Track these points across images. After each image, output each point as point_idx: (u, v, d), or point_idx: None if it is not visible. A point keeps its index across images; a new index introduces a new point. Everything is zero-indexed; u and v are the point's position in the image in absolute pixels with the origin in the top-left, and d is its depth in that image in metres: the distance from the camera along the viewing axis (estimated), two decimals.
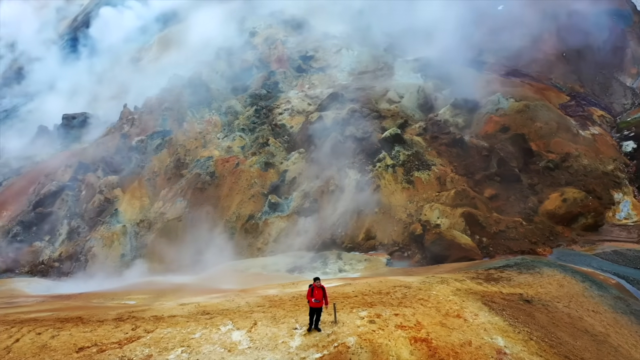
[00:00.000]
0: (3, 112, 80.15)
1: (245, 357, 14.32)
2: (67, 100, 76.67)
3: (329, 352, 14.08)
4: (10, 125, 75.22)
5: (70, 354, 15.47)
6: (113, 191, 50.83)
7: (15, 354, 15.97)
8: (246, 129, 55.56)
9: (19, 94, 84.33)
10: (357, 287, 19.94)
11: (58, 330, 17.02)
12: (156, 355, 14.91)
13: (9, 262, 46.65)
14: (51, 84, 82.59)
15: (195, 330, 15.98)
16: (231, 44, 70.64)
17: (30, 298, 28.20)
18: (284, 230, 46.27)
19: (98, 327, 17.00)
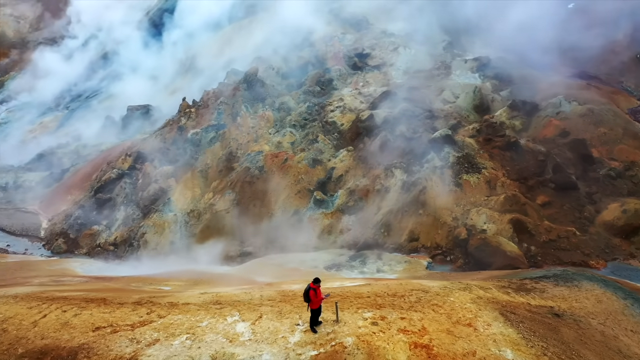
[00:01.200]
0: (84, 99, 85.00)
1: (244, 348, 14.53)
2: (145, 89, 79.79)
3: (325, 350, 14.02)
4: (88, 112, 79.82)
5: (86, 332, 16.32)
6: (167, 181, 52.88)
7: (40, 328, 17.03)
8: (297, 125, 56.08)
9: (101, 79, 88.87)
10: (375, 288, 19.68)
11: (81, 309, 17.98)
12: (163, 340, 15.43)
13: (70, 243, 49.68)
14: (132, 70, 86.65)
15: (203, 318, 16.40)
16: (289, 40, 71.42)
17: (77, 278, 29.91)
18: (328, 227, 46.38)
19: (117, 309, 17.81)
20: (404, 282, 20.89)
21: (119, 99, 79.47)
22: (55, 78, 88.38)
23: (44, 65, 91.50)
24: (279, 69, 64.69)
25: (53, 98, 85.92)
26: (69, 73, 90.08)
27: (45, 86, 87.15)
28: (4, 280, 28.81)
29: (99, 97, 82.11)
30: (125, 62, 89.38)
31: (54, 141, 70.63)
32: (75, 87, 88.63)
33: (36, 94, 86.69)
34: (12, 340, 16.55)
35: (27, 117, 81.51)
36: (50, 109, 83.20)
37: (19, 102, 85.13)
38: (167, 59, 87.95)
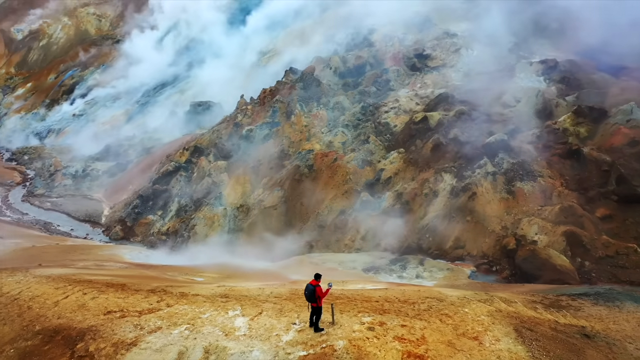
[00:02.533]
0: (154, 94, 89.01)
1: (237, 343, 14.57)
2: (212, 86, 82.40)
3: (315, 352, 13.77)
4: (156, 107, 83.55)
5: (98, 315, 16.99)
6: (220, 175, 54.27)
7: (59, 308, 17.93)
8: (350, 125, 55.81)
9: (174, 76, 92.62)
10: (389, 292, 19.14)
11: (100, 293, 18.76)
12: (164, 328, 15.78)
13: (126, 231, 52.18)
14: (201, 66, 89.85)
15: (206, 310, 16.62)
16: (350, 40, 71.27)
17: (119, 264, 31.31)
18: (373, 229, 45.80)
19: (131, 295, 18.43)
20: (423, 289, 20.17)
21: (186, 94, 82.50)
22: (129, 73, 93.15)
23: (122, 60, 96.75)
24: (336, 68, 64.64)
25: (127, 92, 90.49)
26: (142, 68, 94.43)
27: (120, 81, 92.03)
28: (53, 262, 30.66)
29: (169, 92, 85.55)
30: (198, 58, 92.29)
31: (122, 133, 74.48)
32: (149, 82, 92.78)
33: (111, 89, 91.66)
34: (33, 317, 17.55)
35: (101, 111, 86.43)
36: (122, 102, 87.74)
37: (95, 95, 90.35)
38: (236, 58, 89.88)
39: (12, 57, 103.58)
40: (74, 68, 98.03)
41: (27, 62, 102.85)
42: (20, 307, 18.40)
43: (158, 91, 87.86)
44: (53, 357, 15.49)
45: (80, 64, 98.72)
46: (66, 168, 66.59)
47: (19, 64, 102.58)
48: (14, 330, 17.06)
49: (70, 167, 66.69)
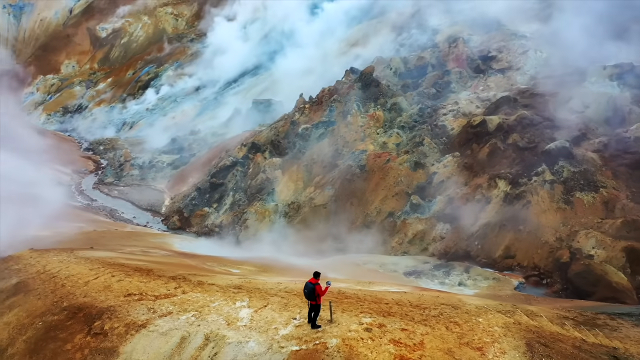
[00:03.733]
0: (221, 90, 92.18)
1: (236, 332, 14.91)
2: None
3: (307, 347, 13.83)
4: (222, 103, 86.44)
5: (119, 296, 17.94)
6: (274, 172, 55.29)
7: (88, 287, 19.09)
8: (406, 126, 55.04)
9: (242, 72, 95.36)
10: (405, 296, 18.79)
11: (126, 276, 19.78)
12: (174, 314, 16.42)
13: (183, 221, 54.40)
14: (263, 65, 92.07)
15: (216, 299, 17.10)
16: (413, 41, 70.27)
17: (164, 251, 32.77)
18: (421, 232, 45.00)
19: (153, 280, 19.29)
20: (442, 296, 19.63)
21: (251, 92, 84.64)
22: (212, 64, 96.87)
23: (201, 54, 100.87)
24: (397, 69, 63.94)
25: (203, 85, 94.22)
26: (223, 59, 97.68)
27: (198, 74, 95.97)
28: (104, 245, 32.61)
29: (248, 82, 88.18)
30: (277, 48, 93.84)
31: (189, 128, 77.68)
32: (230, 73, 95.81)
33: (184, 84, 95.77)
34: (64, 294, 18.81)
35: (172, 105, 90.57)
36: (192, 98, 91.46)
37: (167, 91, 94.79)
38: (314, 49, 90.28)
39: (96, 53, 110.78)
40: (150, 65, 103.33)
41: (109, 58, 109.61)
42: (56, 284, 19.78)
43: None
44: (73, 332, 16.56)
45: (156, 60, 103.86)
46: (134, 159, 70.44)
47: (102, 60, 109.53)
48: (45, 305, 18.38)
49: (138, 158, 70.49)
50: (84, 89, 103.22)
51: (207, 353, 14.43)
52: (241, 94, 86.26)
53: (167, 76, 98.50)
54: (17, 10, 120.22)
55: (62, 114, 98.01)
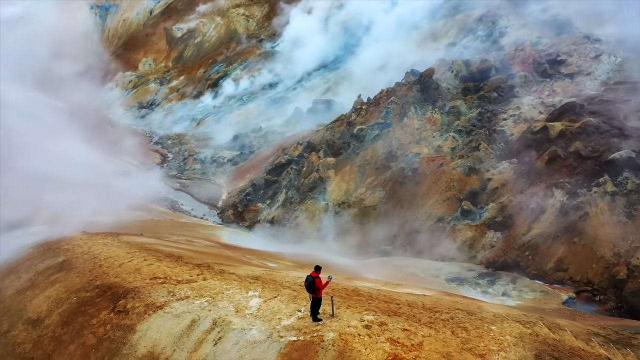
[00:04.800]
0: (285, 90, 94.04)
1: (241, 320, 15.47)
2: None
3: (304, 339, 14.14)
4: (286, 102, 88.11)
5: (145, 279, 19.04)
6: (327, 172, 55.79)
7: (121, 269, 20.39)
8: (463, 130, 53.81)
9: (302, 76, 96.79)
10: (421, 298, 18.61)
11: (157, 261, 20.93)
12: (191, 298, 17.25)
13: (237, 215, 56.15)
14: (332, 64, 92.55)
15: (231, 288, 17.76)
16: (478, 43, 68.52)
17: (208, 242, 34.11)
18: (470, 239, 43.92)
19: (180, 266, 20.29)
20: (462, 301, 19.24)
21: (319, 89, 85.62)
22: (269, 69, 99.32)
23: (264, 57, 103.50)
24: (458, 71, 62.49)
25: (262, 87, 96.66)
26: (279, 65, 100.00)
27: (258, 78, 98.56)
28: (153, 233, 34.43)
29: (307, 86, 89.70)
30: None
31: (251, 126, 79.94)
32: (286, 78, 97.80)
33: (250, 83, 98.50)
34: (99, 274, 20.20)
35: (238, 104, 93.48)
36: (257, 97, 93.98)
37: (235, 89, 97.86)
38: (367, 58, 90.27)
39: (171, 52, 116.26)
40: (220, 64, 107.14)
41: (183, 57, 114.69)
42: (94, 264, 21.27)
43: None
44: (99, 308, 17.79)
45: (226, 60, 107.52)
46: (197, 154, 73.40)
47: (176, 58, 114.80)
48: (81, 282, 19.83)
49: (201, 153, 73.40)
50: (158, 85, 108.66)
51: (213, 337, 15.08)
52: (310, 92, 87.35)
53: (235, 75, 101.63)
54: (103, 11, 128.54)
55: (137, 109, 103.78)
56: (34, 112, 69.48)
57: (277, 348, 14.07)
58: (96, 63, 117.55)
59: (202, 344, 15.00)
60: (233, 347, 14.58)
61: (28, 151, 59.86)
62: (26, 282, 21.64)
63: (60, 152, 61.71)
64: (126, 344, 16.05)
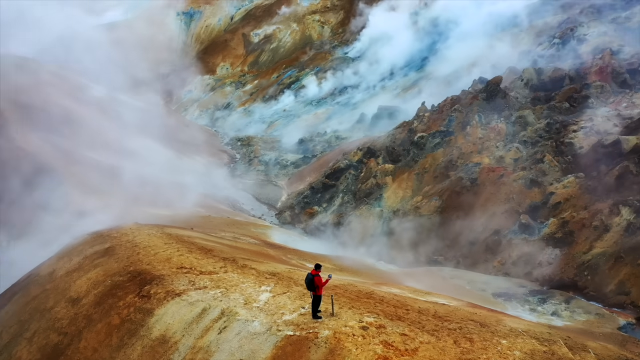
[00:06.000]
0: (352, 97, 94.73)
1: (247, 312, 16.02)
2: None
3: (300, 334, 14.42)
4: (352, 108, 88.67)
5: (172, 268, 20.14)
6: (385, 178, 55.55)
7: (154, 257, 21.68)
8: (528, 141, 51.62)
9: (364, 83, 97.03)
10: (435, 307, 18.28)
11: (188, 253, 22.03)
12: (208, 288, 18.05)
13: (293, 217, 57.21)
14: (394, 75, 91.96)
15: (247, 281, 18.39)
16: (553, 51, 65.52)
17: (254, 240, 35.13)
18: (526, 255, 42.06)
19: (207, 258, 21.23)
20: (480, 312, 18.66)
21: (375, 102, 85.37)
22: (339, 75, 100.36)
23: (336, 62, 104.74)
24: (528, 80, 60.05)
25: (331, 92, 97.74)
26: (349, 71, 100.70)
27: (328, 83, 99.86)
28: (204, 227, 36.03)
29: (367, 95, 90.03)
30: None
31: (316, 130, 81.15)
32: (356, 83, 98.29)
33: (320, 89, 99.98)
34: (134, 260, 21.58)
35: (307, 108, 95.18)
36: (325, 102, 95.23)
37: (305, 94, 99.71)
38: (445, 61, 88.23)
39: (247, 57, 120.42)
40: (292, 69, 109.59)
41: (258, 62, 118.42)
42: (133, 252, 22.72)
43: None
44: (127, 292, 19.05)
45: (299, 65, 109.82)
46: (262, 156, 75.55)
47: (252, 63, 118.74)
48: (118, 267, 21.28)
49: (265, 156, 75.48)
50: (234, 89, 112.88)
51: (219, 325, 15.75)
52: (376, 97, 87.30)
53: (306, 80, 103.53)
54: (187, 17, 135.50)
55: (212, 111, 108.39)
56: (115, 111, 74.70)
57: (274, 341, 14.47)
58: (178, 67, 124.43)
59: (208, 332, 15.70)
60: (235, 336, 15.15)
61: (106, 146, 64.44)
62: (75, 265, 23.50)
63: (134, 148, 65.93)
64: (144, 326, 17.11)
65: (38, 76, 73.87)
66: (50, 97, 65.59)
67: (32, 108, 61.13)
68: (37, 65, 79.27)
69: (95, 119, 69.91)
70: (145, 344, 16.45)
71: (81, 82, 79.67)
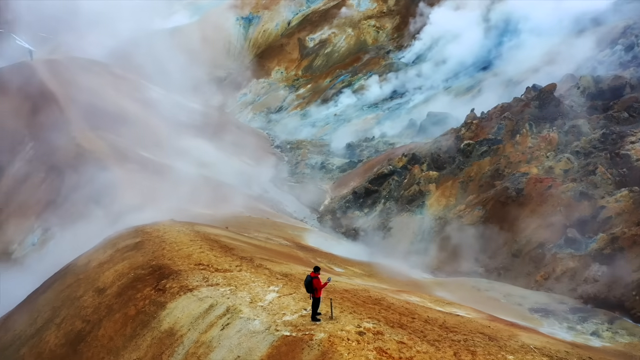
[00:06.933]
0: (404, 102, 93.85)
1: (251, 310, 16.29)
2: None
3: (295, 335, 14.51)
4: (402, 113, 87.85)
5: (190, 264, 20.75)
6: (428, 185, 54.65)
7: (177, 253, 22.40)
8: (581, 152, 49.31)
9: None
10: (445, 317, 17.87)
11: (209, 250, 22.63)
12: (219, 285, 18.48)
13: (334, 221, 57.28)
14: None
15: (257, 280, 18.66)
16: (615, 58, 62.40)
17: (286, 242, 35.49)
18: (571, 270, 40.18)
19: (225, 257, 21.72)
20: (493, 325, 18.06)
21: (426, 108, 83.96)
22: (388, 81, 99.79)
23: (389, 68, 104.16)
24: (585, 88, 57.37)
25: (382, 98, 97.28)
26: (403, 76, 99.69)
27: (379, 88, 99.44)
28: (239, 227, 36.79)
29: (413, 102, 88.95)
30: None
31: (365, 135, 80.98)
32: (404, 90, 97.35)
33: (371, 94, 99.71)
34: (158, 255, 22.35)
35: (357, 113, 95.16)
36: (376, 107, 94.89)
37: (356, 99, 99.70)
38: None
39: (302, 61, 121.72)
40: (345, 74, 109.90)
41: (312, 66, 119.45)
42: (159, 247, 23.57)
43: (407, 100, 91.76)
44: (146, 285, 19.80)
45: (352, 70, 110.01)
46: (309, 159, 76.13)
47: (306, 67, 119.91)
48: (142, 261, 22.14)
49: (312, 159, 76.02)
50: (287, 93, 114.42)
51: (222, 322, 16.10)
52: (420, 106, 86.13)
53: (359, 85, 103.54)
54: (246, 22, 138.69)
55: (265, 114, 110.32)
56: (170, 112, 77.53)
57: (271, 340, 14.64)
58: (235, 70, 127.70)
59: (212, 327, 16.07)
60: (236, 334, 15.43)
61: (158, 145, 66.97)
62: (107, 257, 24.64)
63: (186, 148, 68.17)
64: (155, 318, 17.74)
65: (101, 77, 77.95)
66: (109, 97, 69.06)
67: (93, 107, 64.58)
68: (101, 67, 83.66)
69: (151, 119, 72.95)
70: (154, 336, 17.05)
71: (140, 84, 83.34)
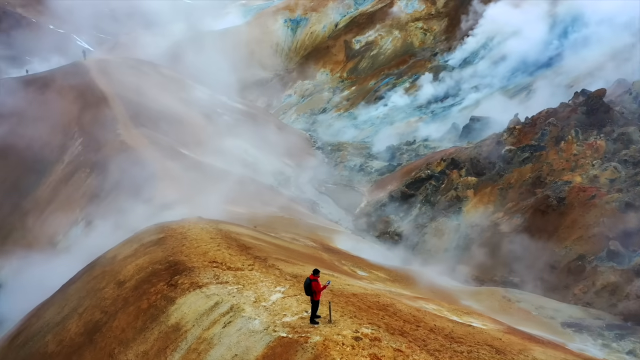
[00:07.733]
0: (449, 106, 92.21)
1: (253, 309, 16.39)
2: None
3: (292, 336, 14.47)
4: (448, 117, 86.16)
5: (204, 261, 21.11)
6: (466, 191, 53.39)
7: (195, 250, 22.83)
8: (629, 161, 46.93)
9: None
10: (454, 326, 17.36)
11: (225, 248, 22.93)
12: (228, 283, 18.70)
13: (369, 224, 56.88)
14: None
15: (265, 280, 18.75)
16: None
17: (312, 243, 35.49)
18: (612, 285, 38.32)
19: (240, 255, 21.94)
20: (505, 338, 17.41)
21: (477, 110, 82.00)
22: (433, 84, 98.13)
23: (436, 71, 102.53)
24: (638, 94, 54.55)
25: (427, 101, 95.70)
26: (446, 80, 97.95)
27: (423, 91, 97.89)
28: (268, 227, 37.13)
29: (460, 106, 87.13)
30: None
31: (406, 138, 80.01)
32: (449, 93, 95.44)
33: (416, 97, 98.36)
34: (176, 251, 22.84)
35: (401, 116, 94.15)
36: (420, 110, 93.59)
37: (400, 102, 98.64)
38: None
39: (347, 63, 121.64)
40: (390, 76, 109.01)
41: (357, 68, 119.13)
42: (180, 243, 24.08)
43: (454, 104, 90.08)
44: (160, 279, 20.28)
45: (397, 72, 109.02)
46: (348, 161, 75.91)
47: (351, 69, 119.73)
48: (161, 256, 22.69)
49: (351, 161, 75.73)
50: (331, 94, 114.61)
51: (224, 320, 16.27)
52: (468, 109, 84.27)
53: (403, 88, 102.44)
54: (294, 24, 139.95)
55: (309, 115, 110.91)
56: (215, 111, 79.19)
57: (267, 340, 14.65)
58: (282, 72, 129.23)
59: (215, 324, 16.27)
60: (236, 332, 15.55)
61: (200, 144, 68.59)
62: (132, 251, 25.41)
63: (227, 148, 69.47)
64: (164, 312, 18.13)
65: (149, 77, 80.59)
66: (156, 96, 71.27)
67: (139, 105, 66.86)
68: (150, 67, 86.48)
69: (195, 118, 74.78)
70: (161, 330, 17.44)
71: (187, 84, 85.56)
